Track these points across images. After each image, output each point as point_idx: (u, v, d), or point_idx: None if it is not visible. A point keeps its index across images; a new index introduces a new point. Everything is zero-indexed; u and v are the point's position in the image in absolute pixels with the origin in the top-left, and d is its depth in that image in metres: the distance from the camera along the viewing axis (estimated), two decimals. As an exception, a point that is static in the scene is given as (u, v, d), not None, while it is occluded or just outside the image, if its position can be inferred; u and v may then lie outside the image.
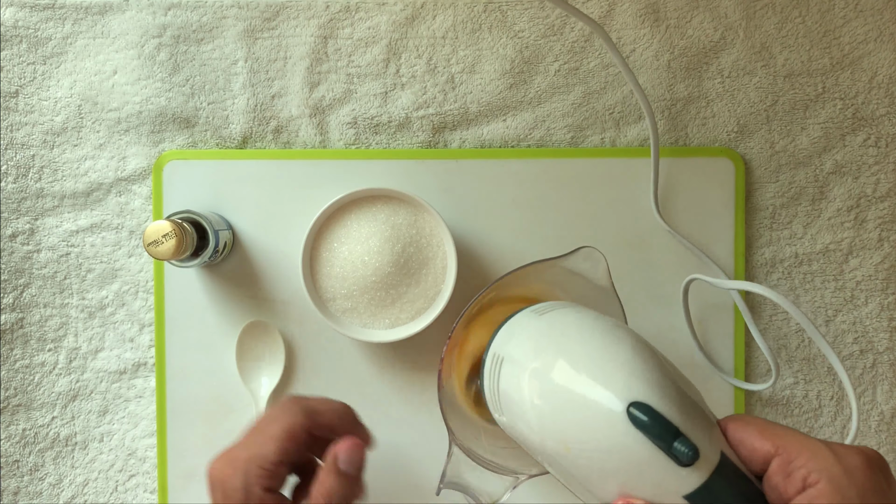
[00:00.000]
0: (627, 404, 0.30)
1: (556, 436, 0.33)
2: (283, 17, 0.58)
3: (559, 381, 0.34)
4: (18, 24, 0.58)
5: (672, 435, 0.29)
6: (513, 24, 0.58)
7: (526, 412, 0.35)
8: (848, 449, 0.29)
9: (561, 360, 0.34)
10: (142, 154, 0.58)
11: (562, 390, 0.33)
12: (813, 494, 0.28)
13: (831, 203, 0.58)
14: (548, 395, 0.34)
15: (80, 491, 0.59)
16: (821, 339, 0.43)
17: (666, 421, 0.30)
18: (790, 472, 0.29)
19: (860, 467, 0.28)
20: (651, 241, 0.57)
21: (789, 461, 0.29)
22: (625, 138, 0.58)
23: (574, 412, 0.32)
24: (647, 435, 0.30)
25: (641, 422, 0.30)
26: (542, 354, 0.36)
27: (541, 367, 0.35)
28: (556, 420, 0.33)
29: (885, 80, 0.58)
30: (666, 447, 0.29)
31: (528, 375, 0.35)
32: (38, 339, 0.58)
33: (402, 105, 0.58)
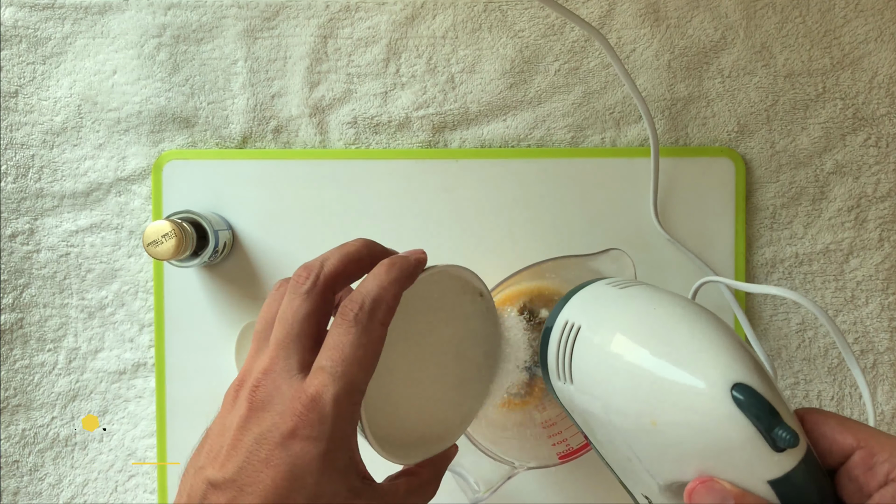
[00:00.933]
0: (731, 385, 0.30)
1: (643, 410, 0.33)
2: (283, 16, 0.58)
3: (654, 356, 0.33)
4: (18, 24, 0.58)
5: (774, 418, 0.30)
6: (513, 24, 0.58)
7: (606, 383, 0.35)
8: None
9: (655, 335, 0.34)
10: (141, 154, 0.58)
11: (656, 365, 0.33)
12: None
13: (832, 203, 0.58)
14: (637, 368, 0.34)
15: (79, 491, 0.59)
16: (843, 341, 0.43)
17: (769, 404, 0.30)
18: (872, 465, 0.30)
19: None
20: (651, 241, 0.57)
21: (872, 455, 0.30)
22: (625, 138, 0.58)
23: (668, 389, 0.32)
24: (749, 416, 0.30)
25: (744, 403, 0.30)
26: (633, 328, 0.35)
27: (631, 340, 0.35)
28: (646, 395, 0.33)
29: (886, 79, 0.58)
30: (766, 430, 0.29)
31: (616, 347, 0.35)
32: (37, 339, 0.58)
33: (402, 105, 0.58)
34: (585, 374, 0.36)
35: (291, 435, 0.32)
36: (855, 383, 0.58)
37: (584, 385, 0.37)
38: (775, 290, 0.44)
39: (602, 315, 0.38)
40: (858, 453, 0.30)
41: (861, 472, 0.30)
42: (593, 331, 0.37)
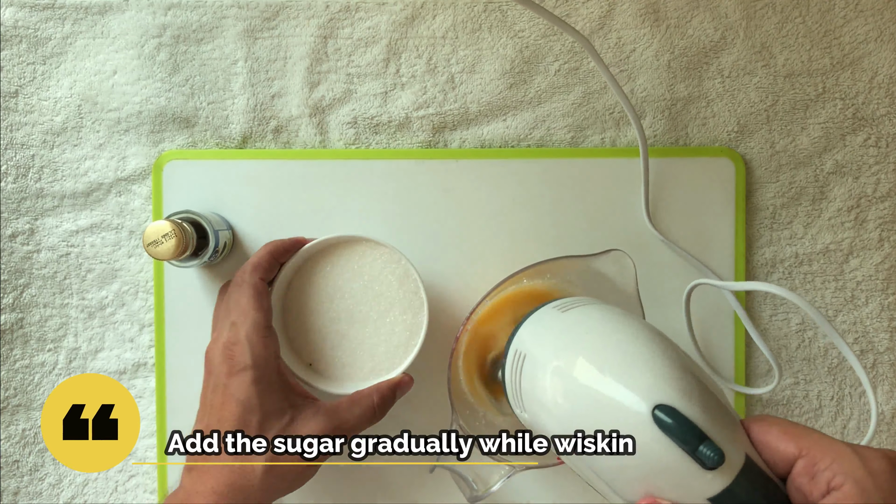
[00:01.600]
0: (652, 407, 0.30)
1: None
2: (283, 16, 0.58)
3: (583, 380, 0.33)
4: (18, 24, 0.58)
5: (697, 438, 0.29)
6: (513, 24, 0.58)
7: (549, 411, 0.35)
8: (873, 452, 0.29)
9: (584, 358, 0.34)
10: (142, 154, 0.58)
11: (585, 390, 0.33)
12: (838, 497, 0.28)
13: (832, 203, 0.58)
14: (571, 394, 0.34)
15: (79, 491, 0.59)
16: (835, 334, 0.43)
17: (691, 424, 0.30)
18: (815, 474, 0.29)
19: (885, 471, 0.28)
20: (651, 242, 0.57)
21: (814, 463, 0.29)
22: (625, 138, 0.58)
23: (598, 413, 0.32)
24: (672, 438, 0.29)
25: (666, 425, 0.30)
26: (566, 352, 0.35)
27: (564, 365, 0.35)
28: (579, 420, 0.33)
29: (886, 80, 0.58)
30: (691, 451, 0.29)
31: (551, 374, 0.35)
32: (37, 339, 0.58)
33: (402, 105, 0.58)
34: (533, 403, 0.37)
35: (228, 374, 0.45)
36: (855, 383, 0.58)
37: (533, 413, 0.37)
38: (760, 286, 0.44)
39: (542, 342, 0.38)
40: (800, 462, 0.30)
41: (805, 482, 0.29)
42: (535, 359, 0.37)
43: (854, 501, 0.27)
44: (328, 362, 0.51)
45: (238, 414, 0.44)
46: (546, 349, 0.37)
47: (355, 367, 0.51)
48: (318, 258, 0.51)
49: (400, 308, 0.51)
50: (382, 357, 0.51)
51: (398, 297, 0.51)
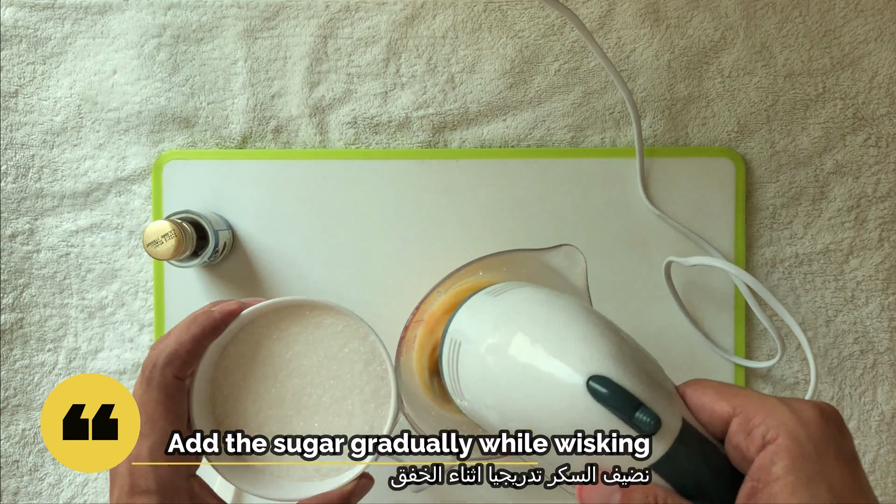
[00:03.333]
0: (587, 378, 0.30)
1: (519, 416, 0.33)
2: (283, 16, 0.58)
3: (518, 359, 0.34)
4: (18, 24, 0.58)
5: (633, 406, 0.29)
6: (513, 24, 0.58)
7: (486, 394, 0.35)
8: (803, 403, 0.30)
9: (518, 337, 0.34)
10: (141, 154, 0.58)
11: (520, 368, 0.33)
12: (773, 450, 0.28)
13: (832, 203, 0.58)
14: (507, 375, 0.34)
15: (79, 491, 0.59)
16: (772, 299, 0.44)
17: (626, 392, 0.30)
18: (750, 430, 0.29)
19: (815, 420, 0.29)
20: (651, 241, 0.57)
21: (748, 420, 0.29)
22: (625, 138, 0.58)
23: (534, 390, 0.32)
24: (608, 407, 0.30)
25: (601, 394, 0.30)
26: (499, 334, 0.35)
27: (498, 346, 0.35)
28: (516, 400, 0.33)
29: (886, 79, 0.58)
30: (627, 418, 0.29)
31: (486, 356, 0.35)
32: (37, 339, 0.58)
33: (402, 105, 0.58)
34: (471, 388, 0.37)
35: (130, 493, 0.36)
36: (855, 383, 0.58)
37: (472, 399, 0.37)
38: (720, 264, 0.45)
39: (477, 327, 0.38)
40: (736, 420, 0.30)
41: (742, 439, 0.30)
42: (470, 343, 0.37)
43: (789, 450, 0.28)
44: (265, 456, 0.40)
45: None
46: (480, 333, 0.37)
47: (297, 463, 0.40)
48: (263, 322, 0.41)
49: (360, 395, 0.41)
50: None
51: (360, 382, 0.41)
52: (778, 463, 0.28)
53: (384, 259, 0.57)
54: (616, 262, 0.57)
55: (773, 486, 0.28)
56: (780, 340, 0.51)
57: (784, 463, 0.28)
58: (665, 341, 0.57)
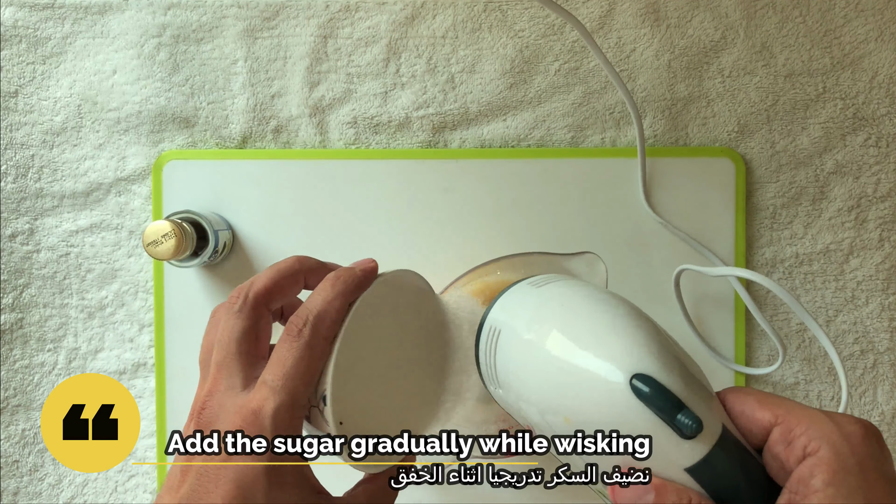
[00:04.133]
0: (630, 376, 0.30)
1: (556, 409, 0.33)
2: (283, 16, 0.58)
3: (558, 352, 0.33)
4: (18, 24, 0.58)
5: (675, 407, 0.29)
6: (513, 24, 0.58)
7: (524, 385, 0.35)
8: (846, 418, 0.29)
9: (560, 331, 0.34)
10: (141, 154, 0.58)
11: (562, 362, 0.33)
12: (814, 462, 0.28)
13: (832, 203, 0.58)
14: (547, 367, 0.34)
15: (79, 491, 0.59)
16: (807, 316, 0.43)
17: (669, 393, 0.29)
18: (791, 440, 0.29)
19: (858, 434, 0.28)
20: (651, 241, 0.57)
21: (790, 430, 0.29)
22: (625, 138, 0.58)
23: (574, 384, 0.32)
24: (650, 407, 0.29)
25: (644, 394, 0.29)
26: (541, 325, 0.35)
27: (539, 338, 0.35)
28: (555, 393, 0.33)
29: (886, 79, 0.58)
30: (669, 419, 0.29)
31: (526, 347, 0.35)
32: (37, 339, 0.58)
33: (402, 105, 0.58)
34: (508, 377, 0.36)
35: None
36: (855, 383, 0.58)
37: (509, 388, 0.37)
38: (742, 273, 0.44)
39: (518, 316, 0.38)
40: (777, 429, 0.29)
41: (781, 449, 0.29)
42: (510, 333, 0.37)
43: (830, 464, 0.27)
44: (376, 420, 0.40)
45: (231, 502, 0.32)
46: (521, 323, 0.37)
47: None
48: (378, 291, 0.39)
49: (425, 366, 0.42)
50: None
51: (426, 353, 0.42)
52: (818, 475, 0.27)
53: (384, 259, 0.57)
54: (616, 262, 0.57)
55: (811, 497, 0.27)
56: (782, 344, 0.51)
57: (824, 476, 0.27)
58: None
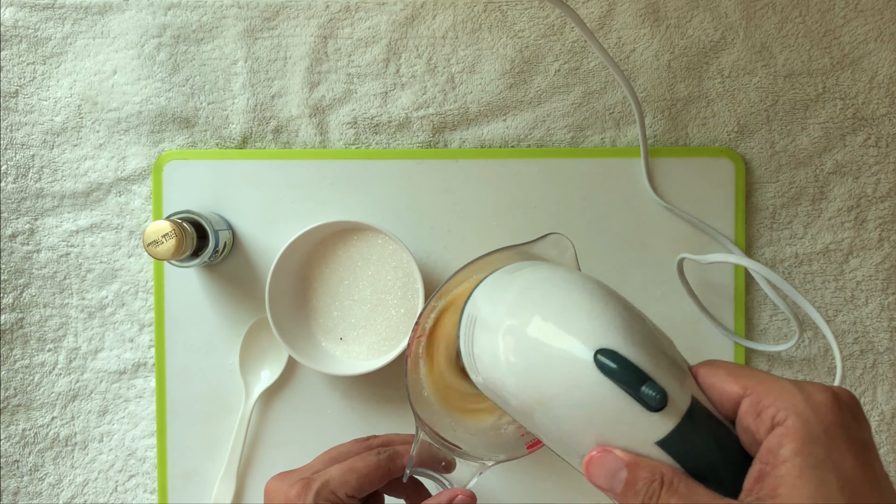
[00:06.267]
0: (595, 351, 0.30)
1: (530, 391, 0.33)
2: (283, 16, 0.58)
3: (530, 334, 0.34)
4: (18, 24, 0.58)
5: (640, 380, 0.29)
6: (513, 24, 0.58)
7: (500, 370, 0.35)
8: (815, 387, 0.29)
9: (531, 313, 0.34)
10: (142, 154, 0.58)
11: (532, 344, 0.33)
12: (782, 432, 0.28)
13: (832, 203, 0.58)
14: (519, 350, 0.34)
15: (79, 491, 0.59)
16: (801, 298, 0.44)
17: (633, 366, 0.30)
18: (759, 411, 0.29)
19: (827, 403, 0.28)
20: (652, 241, 0.57)
21: (758, 401, 0.29)
22: (625, 138, 0.58)
23: (544, 365, 0.32)
24: (615, 381, 0.30)
25: (609, 368, 0.30)
26: (514, 310, 0.36)
27: (512, 322, 0.35)
28: (528, 375, 0.33)
29: (886, 79, 0.58)
30: (634, 392, 0.29)
31: (501, 332, 0.35)
32: (38, 339, 0.58)
33: (402, 105, 0.58)
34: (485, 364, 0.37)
35: None
36: (855, 383, 0.58)
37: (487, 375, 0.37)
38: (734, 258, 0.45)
39: (491, 303, 0.38)
40: (746, 401, 0.29)
41: (751, 420, 0.29)
42: (485, 320, 0.37)
43: (797, 433, 0.27)
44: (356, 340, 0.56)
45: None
46: (496, 309, 0.37)
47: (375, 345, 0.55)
48: (332, 240, 0.55)
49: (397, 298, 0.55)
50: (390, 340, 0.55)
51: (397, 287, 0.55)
52: (786, 445, 0.27)
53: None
54: (617, 262, 0.57)
55: (780, 468, 0.27)
56: (798, 322, 0.50)
57: (792, 445, 0.27)
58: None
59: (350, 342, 0.56)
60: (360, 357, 0.56)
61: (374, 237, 0.55)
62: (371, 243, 0.55)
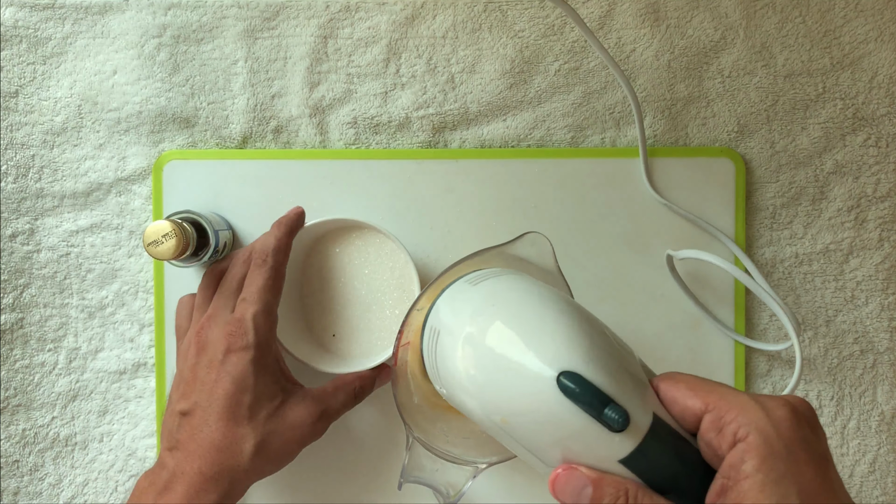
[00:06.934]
0: (557, 373, 0.30)
1: (494, 407, 0.33)
2: (283, 16, 0.58)
3: (492, 350, 0.34)
4: (18, 24, 0.58)
5: (602, 402, 0.30)
6: (513, 24, 0.58)
7: (463, 383, 0.35)
8: (775, 401, 0.30)
9: (493, 328, 0.34)
10: (142, 154, 0.58)
11: (495, 359, 0.33)
12: (743, 449, 0.28)
13: (832, 203, 0.58)
14: (482, 365, 0.34)
15: (79, 491, 0.59)
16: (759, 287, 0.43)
17: (595, 389, 0.30)
18: (721, 427, 0.29)
19: (787, 418, 0.29)
20: (652, 241, 0.57)
21: (720, 417, 0.29)
22: (625, 138, 0.58)
23: (507, 382, 0.32)
24: (578, 403, 0.30)
25: (571, 391, 0.30)
26: (475, 323, 0.35)
27: (474, 336, 0.35)
28: (491, 391, 0.33)
29: (886, 80, 0.58)
30: (596, 415, 0.29)
31: (462, 345, 0.35)
32: (38, 339, 0.58)
33: (402, 105, 0.58)
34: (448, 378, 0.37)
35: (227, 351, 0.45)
36: (855, 383, 0.58)
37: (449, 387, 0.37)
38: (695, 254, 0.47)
39: (454, 315, 0.38)
40: (707, 417, 0.30)
41: (713, 436, 0.30)
42: (447, 333, 0.37)
43: (759, 450, 0.28)
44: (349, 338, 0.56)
45: (231, 392, 0.44)
46: (458, 322, 0.37)
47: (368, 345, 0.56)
48: (331, 237, 0.56)
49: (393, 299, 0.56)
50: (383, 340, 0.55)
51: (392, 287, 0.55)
52: (748, 461, 0.28)
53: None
54: (617, 262, 0.57)
55: (742, 483, 0.28)
56: (796, 322, 0.50)
57: (754, 462, 0.28)
58: (667, 341, 0.57)
59: (343, 340, 0.55)
60: (354, 355, 0.55)
61: (372, 236, 0.55)
62: (369, 242, 0.55)
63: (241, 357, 0.45)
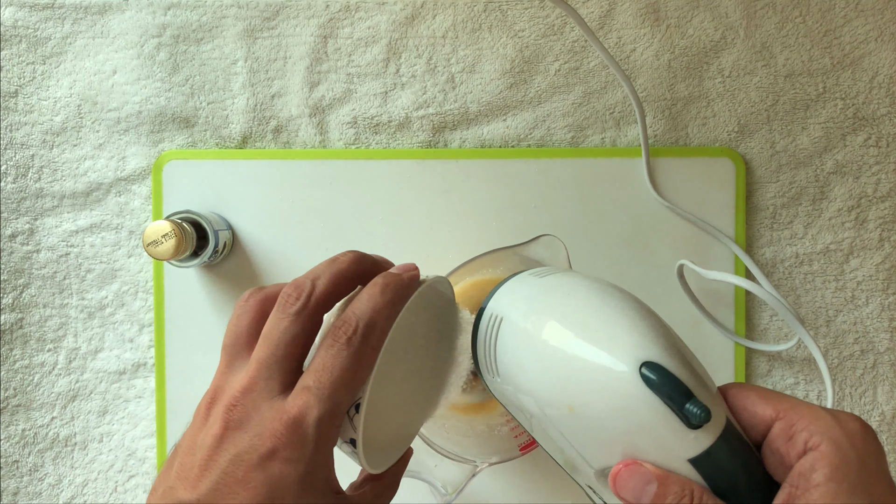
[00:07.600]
0: (640, 364, 0.30)
1: (559, 396, 0.33)
2: (283, 16, 0.58)
3: (566, 340, 0.33)
4: (18, 24, 0.58)
5: (684, 395, 0.29)
6: (513, 24, 0.58)
7: (525, 373, 0.35)
8: (847, 415, 0.30)
9: (566, 320, 0.34)
10: (141, 154, 0.58)
11: (569, 350, 0.33)
12: (815, 457, 0.28)
13: (832, 203, 0.58)
14: (552, 355, 0.34)
15: (79, 491, 0.59)
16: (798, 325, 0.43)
17: (678, 381, 0.30)
18: (792, 435, 0.29)
19: (858, 432, 0.29)
20: (652, 241, 0.57)
21: (791, 425, 0.29)
22: (625, 138, 0.58)
23: (581, 372, 0.32)
24: (659, 395, 0.29)
25: (654, 381, 0.30)
26: (546, 314, 0.35)
27: (543, 327, 0.35)
28: (560, 380, 0.33)
29: (886, 79, 0.58)
30: (677, 407, 0.29)
31: (530, 335, 0.35)
32: (37, 339, 0.58)
33: (402, 105, 0.58)
34: (508, 366, 0.36)
35: (270, 456, 0.31)
36: (855, 383, 0.58)
37: (508, 377, 0.37)
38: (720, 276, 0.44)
39: (522, 305, 0.38)
40: (778, 424, 0.30)
41: (782, 444, 0.29)
42: (512, 321, 0.37)
43: (831, 459, 0.28)
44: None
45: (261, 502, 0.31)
46: (525, 311, 0.37)
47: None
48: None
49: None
50: None
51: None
52: (819, 470, 0.28)
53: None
54: (617, 262, 0.57)
55: (811, 492, 0.27)
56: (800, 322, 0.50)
57: (825, 471, 0.27)
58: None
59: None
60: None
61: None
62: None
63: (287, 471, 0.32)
